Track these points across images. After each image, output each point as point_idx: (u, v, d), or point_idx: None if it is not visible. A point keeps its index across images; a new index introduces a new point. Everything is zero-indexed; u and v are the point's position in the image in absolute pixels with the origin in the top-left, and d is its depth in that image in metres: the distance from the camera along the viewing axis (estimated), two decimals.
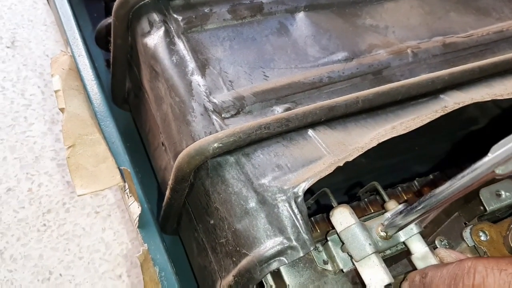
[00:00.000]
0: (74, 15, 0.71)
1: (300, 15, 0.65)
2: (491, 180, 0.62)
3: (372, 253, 0.48)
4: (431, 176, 0.66)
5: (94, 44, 0.81)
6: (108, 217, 0.76)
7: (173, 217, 0.63)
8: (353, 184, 0.70)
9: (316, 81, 0.60)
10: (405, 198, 0.63)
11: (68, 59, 0.65)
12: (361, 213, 0.55)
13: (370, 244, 0.48)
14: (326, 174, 0.49)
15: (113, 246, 0.74)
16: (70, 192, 0.78)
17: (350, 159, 0.51)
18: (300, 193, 0.49)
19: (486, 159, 0.37)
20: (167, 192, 0.58)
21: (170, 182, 0.56)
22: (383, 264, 0.48)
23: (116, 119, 0.71)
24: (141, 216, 0.55)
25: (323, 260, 0.52)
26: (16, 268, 0.70)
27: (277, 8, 0.65)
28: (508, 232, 0.56)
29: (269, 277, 0.52)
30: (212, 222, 0.55)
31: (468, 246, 0.56)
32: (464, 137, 0.73)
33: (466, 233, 0.57)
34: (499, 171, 0.37)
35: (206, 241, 0.58)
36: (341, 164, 0.50)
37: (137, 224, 0.55)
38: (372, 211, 0.59)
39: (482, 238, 0.56)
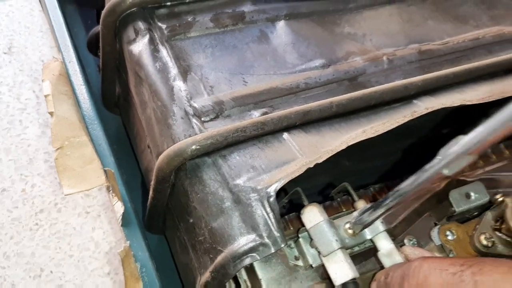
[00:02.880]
0: (66, 23, 0.75)
1: (281, 24, 0.68)
2: (462, 182, 0.64)
3: (338, 248, 0.51)
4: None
5: (86, 50, 0.84)
6: (98, 217, 0.78)
7: (157, 216, 0.66)
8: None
9: (293, 86, 0.62)
10: (378, 198, 0.66)
11: (59, 65, 0.68)
12: (334, 212, 0.58)
13: (336, 240, 0.51)
14: (297, 175, 0.52)
15: (102, 245, 0.76)
16: (62, 193, 0.80)
17: (320, 160, 0.53)
18: (272, 193, 0.52)
19: (435, 161, 0.40)
20: (150, 192, 0.61)
21: (152, 183, 0.59)
22: (349, 260, 0.51)
23: (106, 122, 0.74)
24: (124, 215, 0.57)
25: (295, 256, 0.55)
26: (9, 265, 0.73)
27: (259, 16, 0.68)
28: (474, 232, 0.58)
29: (243, 272, 0.55)
30: (191, 221, 0.57)
31: (436, 245, 0.59)
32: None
33: (434, 233, 0.59)
34: (446, 172, 0.39)
35: (187, 240, 0.61)
36: (312, 166, 0.53)
37: (120, 223, 0.57)
38: (344, 210, 0.61)
39: (449, 237, 0.59)
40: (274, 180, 0.53)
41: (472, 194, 0.63)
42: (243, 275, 0.54)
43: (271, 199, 0.52)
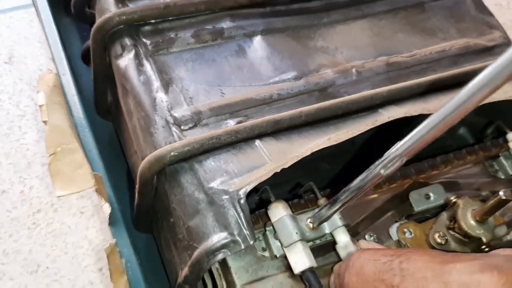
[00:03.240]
0: (60, 35, 0.80)
1: (257, 39, 0.74)
2: (423, 184, 0.70)
3: (298, 240, 0.56)
4: None
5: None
6: (92, 217, 0.84)
7: (144, 216, 0.71)
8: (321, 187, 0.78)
9: (267, 97, 0.68)
10: None
11: (53, 77, 0.74)
12: (300, 209, 0.63)
13: (297, 233, 0.57)
14: (265, 179, 0.58)
15: (95, 243, 0.82)
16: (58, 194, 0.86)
17: (287, 166, 0.59)
18: (243, 195, 0.58)
19: (376, 163, 0.46)
20: (136, 195, 0.67)
21: (137, 186, 0.65)
22: (308, 251, 0.57)
23: (100, 127, 0.80)
24: (111, 215, 0.63)
25: (262, 248, 0.60)
26: (7, 261, 0.79)
27: (236, 32, 0.73)
28: (430, 231, 0.64)
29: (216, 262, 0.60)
30: (172, 220, 0.63)
31: (394, 241, 0.64)
32: None
33: (393, 230, 0.65)
34: (382, 171, 0.45)
35: (170, 238, 0.67)
36: (278, 170, 0.58)
37: (108, 222, 0.63)
38: (310, 207, 0.66)
39: (407, 235, 0.64)
40: (244, 183, 0.59)
41: (431, 195, 0.68)
42: (216, 264, 0.60)
43: (242, 201, 0.58)
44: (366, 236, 0.65)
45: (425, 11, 0.85)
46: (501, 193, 0.57)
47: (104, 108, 0.84)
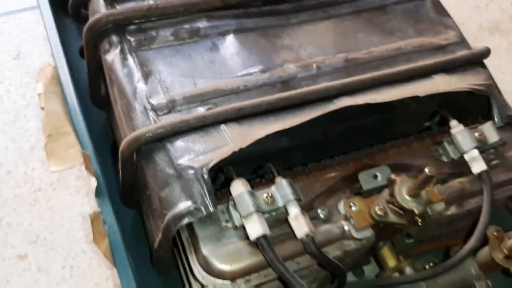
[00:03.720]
0: (60, 34, 0.91)
1: (230, 37, 0.83)
2: (373, 166, 0.79)
3: (254, 211, 0.66)
4: None
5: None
6: (86, 196, 0.94)
7: (128, 192, 0.82)
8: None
9: (234, 88, 0.78)
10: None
11: (52, 69, 0.85)
12: (261, 186, 0.72)
13: (253, 205, 0.66)
14: (224, 157, 0.68)
15: (89, 219, 0.92)
16: (57, 175, 0.97)
17: (244, 145, 0.69)
18: (206, 171, 0.68)
19: None
20: (120, 171, 0.77)
21: (119, 163, 0.75)
22: (262, 221, 0.66)
23: (96, 117, 0.91)
24: (97, 188, 0.73)
25: (225, 219, 0.70)
26: (10, 231, 0.90)
27: (211, 31, 0.83)
28: (372, 204, 0.73)
29: (185, 232, 0.70)
30: (148, 193, 0.73)
31: (341, 214, 0.73)
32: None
33: (341, 204, 0.74)
34: None
35: (148, 209, 0.77)
36: (236, 150, 0.68)
37: (94, 194, 0.74)
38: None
39: (353, 208, 0.73)
40: (208, 161, 0.68)
41: (379, 175, 0.77)
42: (185, 234, 0.70)
43: (205, 176, 0.68)
44: (319, 210, 0.74)
45: (387, 13, 0.94)
46: (426, 170, 0.66)
47: (99, 99, 0.94)
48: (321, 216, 0.74)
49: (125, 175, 0.76)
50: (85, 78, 0.96)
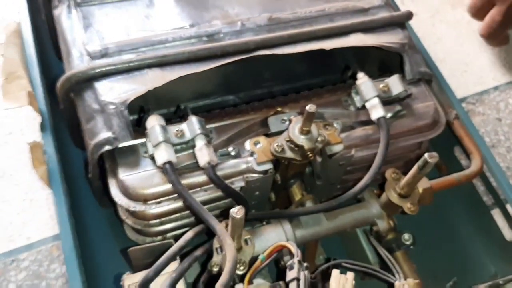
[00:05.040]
0: None
1: None
2: (283, 112, 0.89)
3: (162, 141, 0.77)
4: None
5: None
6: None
7: (71, 128, 0.93)
8: None
9: (163, 39, 0.88)
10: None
11: (16, 25, 0.97)
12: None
13: (162, 136, 0.77)
14: (139, 94, 0.79)
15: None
16: (26, 121, 1.10)
17: (159, 85, 0.80)
18: (124, 107, 0.79)
19: None
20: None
21: (59, 100, 0.87)
22: (170, 150, 0.77)
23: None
24: (42, 124, 0.86)
25: (144, 151, 0.81)
26: None
27: None
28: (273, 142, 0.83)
29: (108, 161, 0.82)
30: (82, 127, 0.85)
31: (247, 151, 0.83)
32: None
33: (247, 142, 0.84)
34: None
35: (84, 141, 0.88)
36: (152, 88, 0.79)
37: (39, 129, 0.86)
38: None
39: (257, 146, 0.83)
40: (128, 97, 0.80)
41: (286, 120, 0.87)
42: (108, 161, 0.82)
43: (124, 110, 0.79)
44: (230, 149, 0.85)
45: None
46: (307, 107, 0.75)
47: (57, 51, 1.06)
48: (232, 153, 0.84)
49: (65, 113, 0.88)
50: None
